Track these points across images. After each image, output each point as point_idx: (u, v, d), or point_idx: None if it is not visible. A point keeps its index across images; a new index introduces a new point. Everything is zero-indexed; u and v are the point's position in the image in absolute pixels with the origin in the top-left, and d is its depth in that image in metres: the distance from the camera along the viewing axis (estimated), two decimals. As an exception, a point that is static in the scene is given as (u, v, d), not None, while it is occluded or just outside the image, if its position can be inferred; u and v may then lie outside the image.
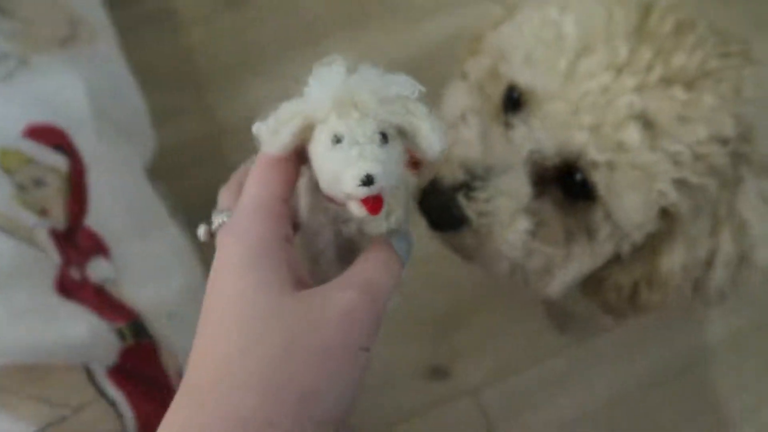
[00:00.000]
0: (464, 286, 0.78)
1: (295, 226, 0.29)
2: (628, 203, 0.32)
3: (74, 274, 0.39)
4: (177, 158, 0.87)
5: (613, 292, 0.38)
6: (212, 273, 0.26)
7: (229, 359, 0.23)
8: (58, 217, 0.41)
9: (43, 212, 0.40)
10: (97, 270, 0.42)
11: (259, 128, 0.27)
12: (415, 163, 0.28)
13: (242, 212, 0.27)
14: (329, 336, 0.24)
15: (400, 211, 0.28)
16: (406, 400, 0.74)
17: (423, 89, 0.25)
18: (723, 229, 0.34)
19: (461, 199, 0.33)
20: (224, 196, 0.31)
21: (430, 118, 0.25)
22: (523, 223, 0.34)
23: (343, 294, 0.25)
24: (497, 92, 0.37)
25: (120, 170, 0.47)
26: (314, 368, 0.24)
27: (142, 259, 0.46)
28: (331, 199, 0.26)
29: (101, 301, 0.39)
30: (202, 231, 0.29)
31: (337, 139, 0.25)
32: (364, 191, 0.24)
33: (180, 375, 0.43)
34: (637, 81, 0.30)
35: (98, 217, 0.44)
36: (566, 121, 0.31)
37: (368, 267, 0.26)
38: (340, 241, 0.29)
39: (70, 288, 0.38)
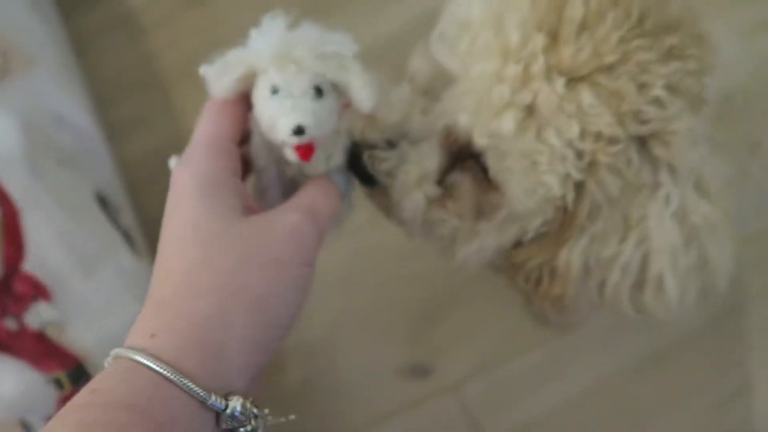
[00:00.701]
0: (439, 282, 0.77)
1: (248, 164, 0.32)
2: (515, 189, 0.33)
3: (10, 324, 0.39)
4: (146, 168, 0.86)
5: (521, 277, 0.39)
6: (168, 202, 0.30)
7: (188, 273, 0.26)
8: (-7, 266, 0.40)
9: (-26, 264, 0.40)
10: (38, 315, 0.41)
11: (205, 71, 0.30)
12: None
13: (194, 148, 0.30)
14: (279, 250, 0.28)
15: (338, 154, 0.31)
16: (386, 401, 0.74)
17: (356, 48, 0.28)
18: (630, 235, 0.33)
19: (365, 158, 0.36)
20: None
21: (363, 75, 0.28)
22: (422, 192, 0.36)
23: (289, 215, 0.29)
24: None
25: (60, 205, 0.46)
26: (266, 277, 0.27)
27: (88, 297, 0.45)
28: (272, 143, 0.29)
29: (39, 350, 0.39)
30: (172, 161, 0.33)
31: (275, 90, 0.27)
32: (296, 140, 0.27)
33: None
34: (519, 70, 0.30)
35: (37, 259, 0.43)
36: (460, 101, 0.33)
37: (309, 193, 0.30)
38: (284, 179, 0.32)
39: (4, 341, 0.37)
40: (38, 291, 0.42)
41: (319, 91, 0.27)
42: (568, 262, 0.34)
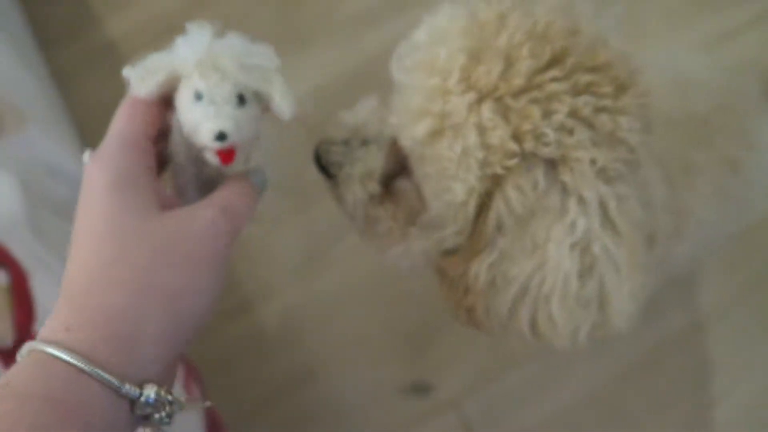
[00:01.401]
0: (434, 300, 0.79)
1: (164, 161, 0.32)
2: (428, 192, 0.36)
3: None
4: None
5: (446, 284, 0.41)
6: (81, 197, 0.29)
7: (100, 269, 0.27)
8: (4, 333, 0.41)
9: (-13, 334, 0.40)
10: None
11: (128, 73, 0.30)
12: None
13: (108, 143, 0.30)
14: (193, 246, 0.28)
15: (257, 155, 0.32)
16: (388, 419, 0.76)
17: (279, 62, 0.30)
18: (534, 257, 0.35)
19: (321, 151, 0.40)
20: None
21: (283, 88, 0.29)
22: (362, 187, 0.40)
23: (204, 211, 0.29)
24: None
25: (63, 262, 0.47)
26: (180, 273, 0.27)
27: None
28: (193, 144, 0.30)
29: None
30: (86, 156, 0.32)
31: (198, 96, 0.28)
32: (218, 145, 0.28)
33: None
34: (438, 82, 0.34)
35: (45, 319, 0.43)
36: (396, 109, 0.37)
37: (227, 193, 0.30)
38: (202, 178, 0.32)
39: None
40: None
41: (241, 99, 0.28)
42: (477, 275, 0.36)
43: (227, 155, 0.29)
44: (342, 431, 0.77)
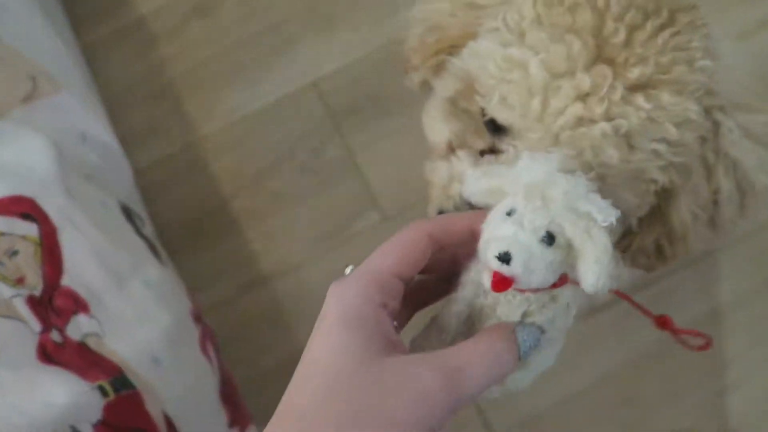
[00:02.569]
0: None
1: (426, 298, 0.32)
2: (624, 200, 0.34)
3: (55, 337, 0.41)
4: (159, 175, 0.89)
5: (641, 256, 0.41)
6: (316, 323, 0.29)
7: (304, 414, 0.26)
8: (34, 283, 0.43)
9: (19, 281, 0.42)
10: (78, 328, 0.44)
11: (467, 175, 0.30)
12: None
13: (354, 275, 0.29)
14: (399, 410, 0.25)
15: (540, 317, 0.28)
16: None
17: (615, 221, 0.25)
18: (716, 171, 0.36)
19: None
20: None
21: (599, 252, 0.25)
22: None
23: (430, 374, 0.26)
24: (473, 108, 0.38)
25: (93, 222, 0.49)
26: None
27: (122, 308, 0.48)
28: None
29: (83, 360, 0.41)
30: (348, 270, 0.32)
31: (510, 213, 0.26)
32: (497, 264, 0.26)
33: (166, 419, 0.45)
34: (604, 105, 0.32)
35: (74, 275, 0.45)
36: (549, 148, 0.33)
37: (470, 349, 0.27)
38: (473, 307, 0.30)
39: (51, 353, 0.40)
40: (78, 305, 0.44)
41: (550, 239, 0.25)
42: (683, 222, 0.37)
43: (500, 282, 0.26)
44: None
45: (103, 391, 0.41)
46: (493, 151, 0.37)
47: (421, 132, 0.86)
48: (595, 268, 0.25)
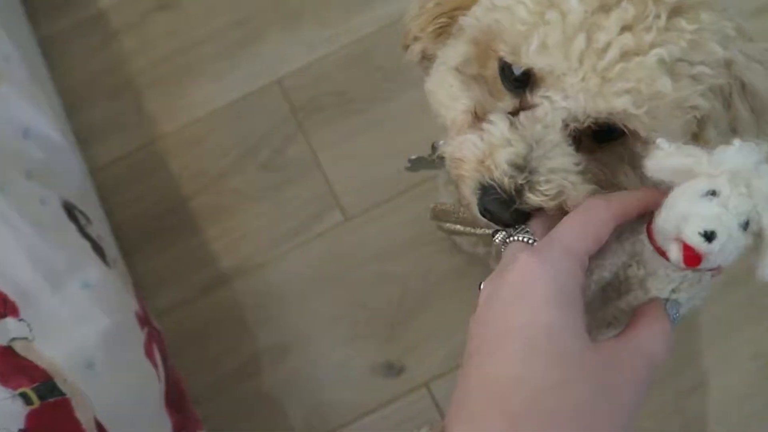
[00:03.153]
0: (411, 283, 0.79)
1: None
2: (668, 131, 0.33)
3: (-23, 342, 0.40)
4: (118, 172, 0.87)
5: None
6: (510, 287, 0.28)
7: (540, 393, 0.25)
8: (-39, 283, 0.41)
9: (-61, 282, 0.40)
10: (5, 331, 0.42)
11: (662, 144, 0.29)
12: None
13: (557, 250, 0.28)
14: (626, 396, 0.26)
15: (683, 295, 0.30)
16: (361, 398, 0.76)
17: None
18: (733, 100, 0.36)
19: (531, 197, 0.33)
20: (538, 222, 0.33)
21: None
22: (586, 187, 0.34)
23: (637, 360, 0.27)
24: (489, 73, 0.37)
25: (28, 220, 0.47)
26: (612, 423, 0.26)
27: (56, 310, 0.46)
28: (651, 235, 0.29)
29: (6, 365, 0.40)
30: (500, 236, 0.32)
31: (713, 194, 0.26)
32: (698, 240, 0.26)
33: (99, 427, 0.44)
34: (652, 33, 0.31)
35: (4, 276, 0.44)
36: (598, 90, 0.32)
37: (654, 337, 0.28)
38: (617, 275, 0.31)
39: (-29, 359, 0.38)
40: (6, 307, 0.43)
41: (746, 225, 0.27)
42: None
43: (693, 258, 0.27)
44: (313, 408, 0.77)
45: (26, 399, 0.40)
46: (522, 109, 0.35)
47: (385, 131, 0.85)
48: None
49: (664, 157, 0.29)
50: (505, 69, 0.35)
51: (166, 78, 0.90)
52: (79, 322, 0.47)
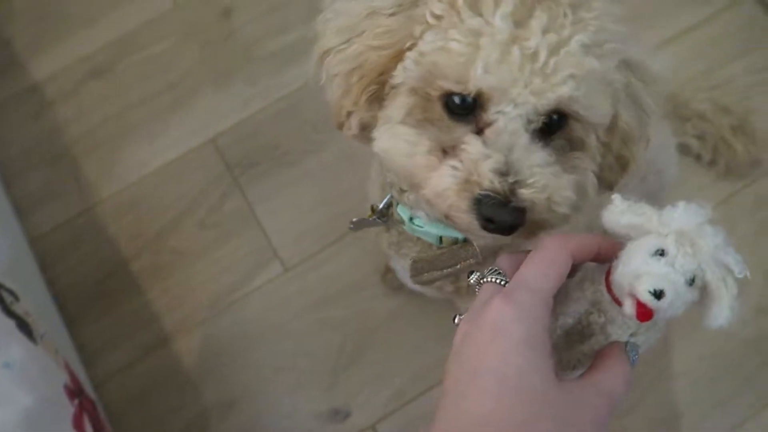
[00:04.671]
0: (352, 327, 0.81)
1: None
2: (601, 107, 0.38)
3: None
4: (58, 240, 0.88)
5: (608, 172, 0.44)
6: (484, 330, 0.29)
7: (510, 429, 0.27)
8: None
9: None
10: None
11: (616, 201, 0.32)
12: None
13: (525, 293, 0.30)
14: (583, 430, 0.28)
15: (640, 339, 0.33)
16: (308, 447, 0.77)
17: (749, 276, 0.29)
18: (628, 78, 0.41)
19: (523, 192, 0.36)
20: (506, 260, 0.35)
21: (732, 300, 0.29)
22: (567, 177, 0.38)
23: (598, 400, 0.29)
24: (434, 116, 0.40)
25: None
26: None
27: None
28: (609, 286, 0.31)
29: None
30: (474, 277, 0.34)
31: (661, 253, 0.29)
32: (648, 298, 0.28)
33: None
34: (567, 29, 0.36)
35: None
36: (544, 87, 0.36)
37: (615, 379, 0.30)
38: (579, 321, 0.33)
39: None
40: None
41: (692, 282, 0.29)
42: (628, 124, 0.41)
43: (645, 313, 0.29)
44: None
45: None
46: (481, 130, 0.38)
47: (317, 180, 0.88)
48: (728, 312, 0.29)
49: (618, 215, 0.31)
50: (449, 104, 0.38)
51: (102, 144, 0.92)
52: (0, 403, 0.48)
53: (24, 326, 0.57)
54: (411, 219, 0.47)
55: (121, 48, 0.95)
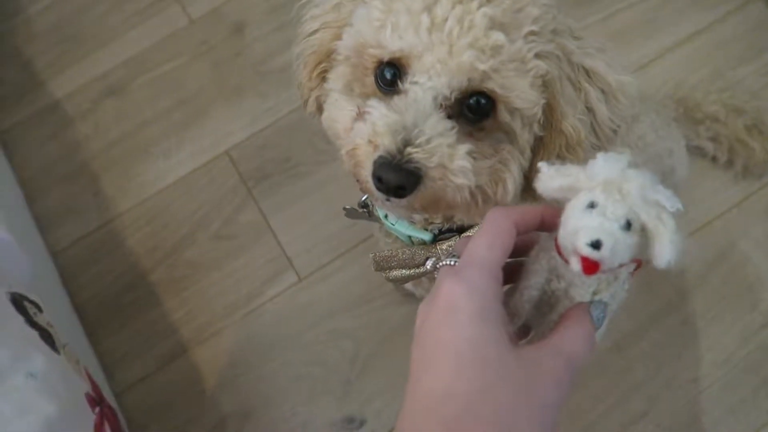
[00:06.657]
0: (363, 336, 0.82)
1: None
2: (520, 89, 0.39)
3: None
4: (77, 254, 0.90)
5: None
6: (438, 310, 0.30)
7: (470, 397, 0.28)
8: None
9: None
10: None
11: (544, 166, 0.32)
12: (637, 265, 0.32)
13: (471, 267, 0.31)
14: (545, 394, 0.29)
15: (605, 295, 0.33)
16: (324, 456, 0.78)
17: (682, 208, 0.30)
18: (580, 81, 0.42)
19: (412, 150, 0.37)
20: (462, 243, 0.35)
21: (672, 234, 0.29)
22: (462, 148, 0.39)
23: (556, 361, 0.30)
24: (368, 90, 0.42)
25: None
26: (532, 420, 0.28)
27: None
28: (559, 251, 0.32)
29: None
30: (430, 263, 0.35)
31: (592, 205, 0.30)
32: (588, 251, 0.29)
33: None
34: (476, 2, 0.37)
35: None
36: (449, 56, 0.37)
37: (571, 338, 0.31)
38: (544, 291, 0.34)
39: None
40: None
41: (628, 225, 0.29)
42: (574, 127, 0.42)
43: (590, 266, 0.30)
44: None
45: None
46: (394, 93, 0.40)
47: (329, 191, 0.90)
48: (670, 247, 0.29)
49: (547, 180, 0.32)
50: (379, 77, 0.40)
51: (119, 160, 0.94)
52: (22, 413, 0.49)
53: (47, 337, 0.59)
54: (386, 216, 0.49)
55: (136, 66, 0.98)
